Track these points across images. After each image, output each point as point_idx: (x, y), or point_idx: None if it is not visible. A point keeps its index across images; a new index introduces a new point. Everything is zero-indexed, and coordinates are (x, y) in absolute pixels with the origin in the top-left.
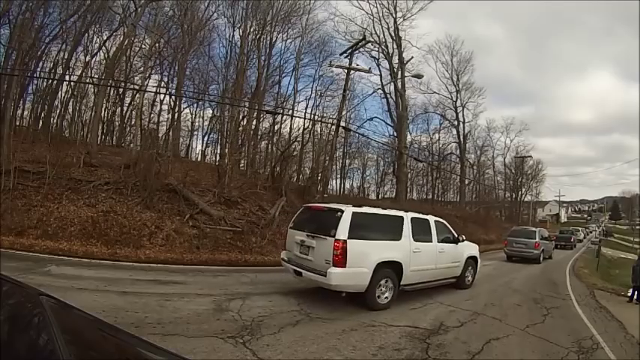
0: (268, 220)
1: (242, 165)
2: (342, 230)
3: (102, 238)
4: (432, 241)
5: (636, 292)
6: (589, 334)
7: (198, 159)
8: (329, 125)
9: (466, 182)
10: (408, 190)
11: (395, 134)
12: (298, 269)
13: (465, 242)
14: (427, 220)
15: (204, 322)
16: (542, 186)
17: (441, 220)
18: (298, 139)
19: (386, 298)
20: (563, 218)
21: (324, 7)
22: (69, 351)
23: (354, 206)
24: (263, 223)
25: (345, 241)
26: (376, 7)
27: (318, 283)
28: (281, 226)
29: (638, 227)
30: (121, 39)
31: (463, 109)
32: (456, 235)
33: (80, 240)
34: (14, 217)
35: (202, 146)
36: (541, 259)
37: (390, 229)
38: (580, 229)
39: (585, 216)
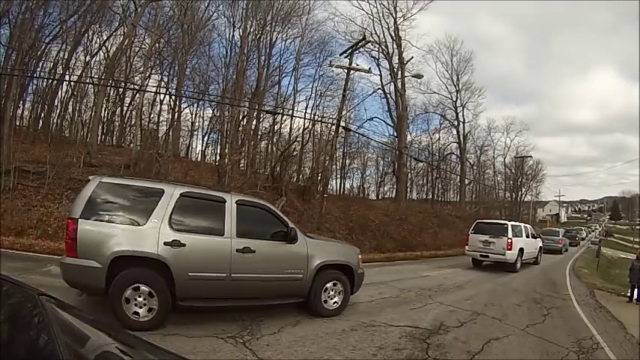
0: None
1: (242, 165)
2: (510, 234)
3: None
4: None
5: (636, 292)
6: (589, 334)
7: (198, 159)
8: (329, 125)
9: (466, 182)
10: (408, 190)
11: (395, 134)
12: (485, 254)
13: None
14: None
15: (204, 322)
16: (542, 186)
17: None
18: (298, 139)
19: (520, 262)
20: (563, 218)
21: (324, 7)
22: (69, 351)
23: (510, 221)
24: None
25: (511, 239)
26: (376, 7)
27: (499, 259)
28: None
29: (638, 227)
30: (121, 39)
31: (463, 109)
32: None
33: None
34: (14, 217)
35: (202, 146)
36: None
37: (524, 233)
38: (583, 228)
39: (585, 216)
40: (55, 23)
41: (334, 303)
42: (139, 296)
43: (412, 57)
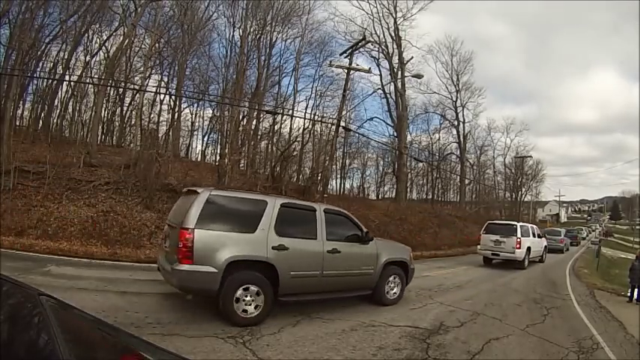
0: None
1: (242, 165)
2: (519, 234)
3: (102, 238)
4: (530, 237)
5: (636, 292)
6: (589, 334)
7: (198, 159)
8: (329, 125)
9: (466, 182)
10: (408, 190)
11: (395, 134)
12: (496, 253)
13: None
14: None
15: (204, 322)
16: (542, 186)
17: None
18: (298, 139)
19: (527, 260)
20: (563, 218)
21: (324, 7)
22: (69, 351)
23: (519, 222)
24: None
25: (520, 238)
26: (376, 7)
27: (509, 257)
28: None
29: (638, 227)
30: (121, 39)
31: (463, 109)
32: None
33: (80, 240)
34: (14, 217)
35: (202, 146)
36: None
37: (531, 233)
38: (584, 228)
39: (585, 216)
40: (55, 23)
41: (394, 293)
42: (248, 295)
43: (412, 57)
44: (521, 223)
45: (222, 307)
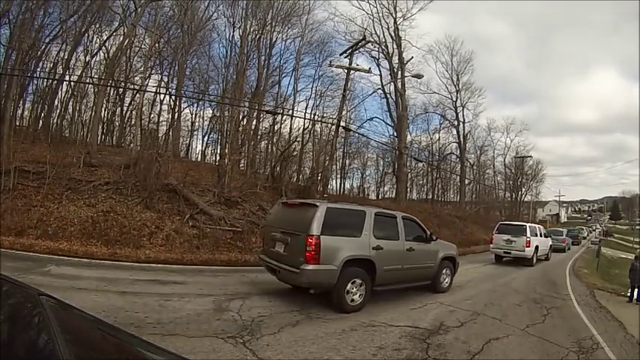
0: None
1: (242, 165)
2: (528, 234)
3: (102, 238)
4: (537, 237)
5: (636, 292)
6: (589, 334)
7: (198, 159)
8: (329, 125)
9: (466, 182)
10: (408, 190)
11: (395, 134)
12: (507, 251)
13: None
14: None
15: (204, 322)
16: (542, 186)
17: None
18: (298, 139)
19: (535, 258)
20: (563, 218)
21: (324, 7)
22: (69, 351)
23: (528, 223)
24: (263, 223)
25: (529, 238)
26: (376, 7)
27: (519, 255)
28: None
29: (638, 227)
30: (121, 39)
31: (463, 109)
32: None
33: (80, 240)
34: (14, 217)
35: (202, 146)
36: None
37: (538, 233)
38: (584, 228)
39: (585, 216)
40: (55, 23)
41: (446, 282)
42: (355, 287)
43: (412, 57)
44: (530, 224)
45: (336, 298)
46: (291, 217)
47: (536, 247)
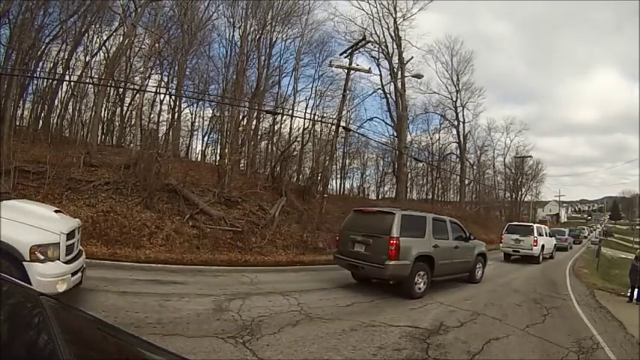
0: (268, 220)
1: (242, 165)
2: (535, 234)
3: (102, 238)
4: (543, 236)
5: (636, 292)
6: (589, 334)
7: (198, 159)
8: (329, 125)
9: (466, 182)
10: (408, 190)
11: (395, 134)
12: (516, 250)
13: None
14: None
15: (204, 322)
16: (542, 186)
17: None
18: (298, 139)
19: (542, 256)
20: (563, 218)
21: (324, 7)
22: (69, 351)
23: (535, 224)
24: (263, 223)
25: (536, 238)
26: (376, 7)
27: (527, 253)
28: (281, 226)
29: (638, 227)
30: (121, 39)
31: (463, 109)
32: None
33: (80, 240)
34: None
35: (202, 146)
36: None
37: (544, 233)
38: (585, 227)
39: (585, 216)
40: (55, 23)
41: (479, 274)
42: (420, 278)
43: (412, 57)
44: (537, 225)
45: (407, 287)
46: (370, 222)
47: (542, 246)
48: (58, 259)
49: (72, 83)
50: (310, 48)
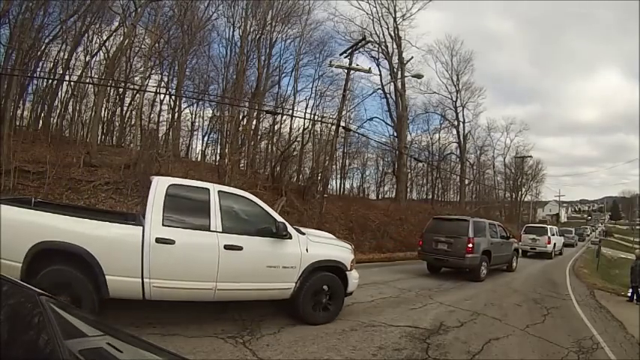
0: None
1: (242, 165)
2: (549, 233)
3: None
4: (555, 236)
5: (636, 292)
6: (589, 334)
7: (198, 159)
8: (329, 125)
9: (466, 182)
10: (408, 190)
11: (395, 134)
12: (533, 248)
13: None
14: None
15: (204, 322)
16: (543, 186)
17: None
18: (298, 139)
19: (554, 253)
20: (563, 218)
21: (324, 7)
22: (69, 351)
23: (548, 225)
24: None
25: (550, 237)
26: (376, 7)
27: (541, 251)
28: None
29: (638, 227)
30: (121, 39)
31: (463, 109)
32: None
33: None
34: None
35: (202, 146)
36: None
37: (556, 233)
38: (588, 227)
39: (585, 216)
40: (55, 23)
41: (515, 265)
42: (483, 267)
43: (412, 57)
44: (549, 226)
45: (476, 273)
46: (450, 227)
47: (554, 244)
48: None
49: (72, 83)
50: (310, 48)
